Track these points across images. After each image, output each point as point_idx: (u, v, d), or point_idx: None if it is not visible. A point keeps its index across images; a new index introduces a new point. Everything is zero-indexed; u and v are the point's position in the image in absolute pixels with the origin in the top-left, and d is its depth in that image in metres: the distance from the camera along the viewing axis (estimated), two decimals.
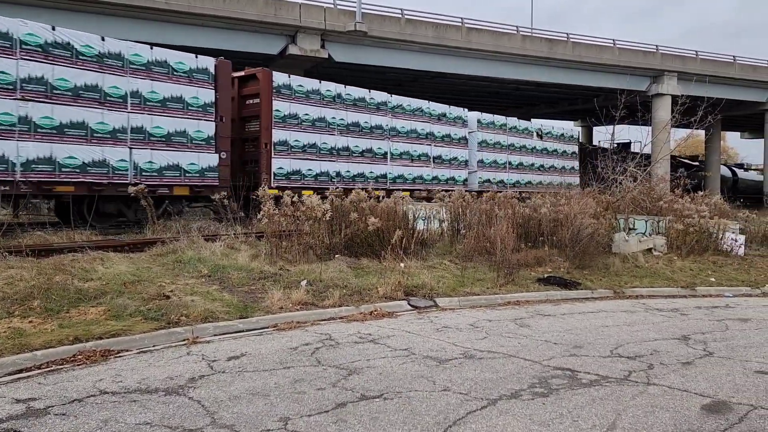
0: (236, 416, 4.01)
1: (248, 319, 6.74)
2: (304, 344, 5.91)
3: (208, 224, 12.22)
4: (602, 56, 33.01)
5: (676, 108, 19.69)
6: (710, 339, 6.62)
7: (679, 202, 14.31)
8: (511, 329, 6.83)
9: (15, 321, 5.88)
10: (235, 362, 5.26)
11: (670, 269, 11.39)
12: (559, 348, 6.02)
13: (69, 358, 5.22)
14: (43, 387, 4.53)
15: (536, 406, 4.31)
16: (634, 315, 7.95)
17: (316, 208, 9.72)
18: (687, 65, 35.78)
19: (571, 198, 12.73)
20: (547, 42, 31.61)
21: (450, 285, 8.89)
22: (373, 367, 5.18)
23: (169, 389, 4.52)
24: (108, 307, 6.54)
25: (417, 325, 6.94)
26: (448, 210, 12.68)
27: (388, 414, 4.10)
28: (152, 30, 22.23)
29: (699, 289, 10.23)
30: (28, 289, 6.64)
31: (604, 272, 10.72)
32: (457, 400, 4.40)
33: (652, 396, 4.61)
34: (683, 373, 5.22)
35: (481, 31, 29.68)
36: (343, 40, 26.41)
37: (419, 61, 28.56)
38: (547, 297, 8.93)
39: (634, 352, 5.91)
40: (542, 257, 10.85)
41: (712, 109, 19.32)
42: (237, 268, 8.65)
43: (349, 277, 8.66)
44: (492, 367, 5.28)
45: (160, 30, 22.40)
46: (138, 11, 21.77)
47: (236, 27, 23.91)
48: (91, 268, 7.92)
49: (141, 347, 5.66)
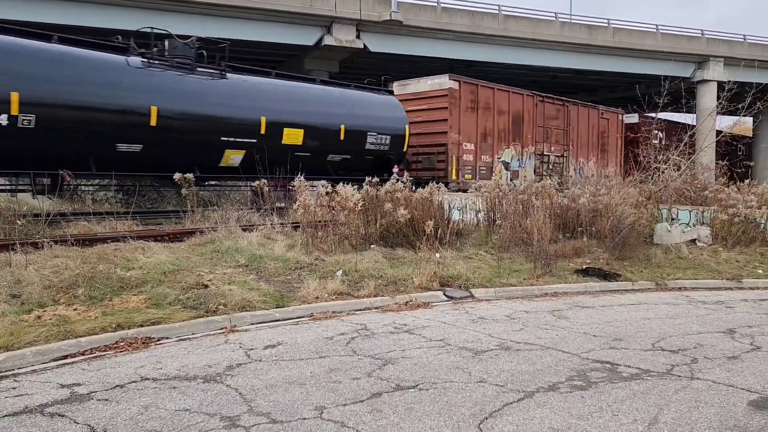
0: (272, 404, 4.05)
1: (284, 308, 6.80)
2: (340, 334, 5.94)
3: (245, 214, 12.34)
4: (644, 42, 32.08)
5: (723, 94, 19.02)
6: (757, 333, 6.39)
7: (725, 192, 13.84)
8: (548, 321, 6.73)
9: (60, 309, 6.05)
10: (272, 351, 5.31)
11: (714, 261, 11.04)
12: (598, 340, 5.90)
13: (111, 345, 5.35)
14: (87, 373, 4.66)
15: (574, 400, 4.23)
16: (677, 307, 7.74)
17: (350, 198, 9.73)
18: (734, 50, 34.48)
19: (612, 187, 12.42)
20: (586, 28, 30.88)
21: (486, 276, 8.80)
22: (409, 358, 5.16)
23: (207, 377, 4.59)
24: (149, 295, 6.68)
25: (452, 315, 6.89)
26: (483, 200, 12.55)
27: (423, 404, 4.08)
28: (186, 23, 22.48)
29: (745, 281, 9.89)
30: (73, 278, 6.83)
31: (646, 264, 10.45)
32: (494, 391, 4.35)
33: (696, 391, 4.47)
34: (729, 368, 5.05)
35: (518, 19, 29.19)
36: (378, 30, 26.32)
37: (454, 49, 28.27)
38: (585, 289, 8.76)
39: (677, 346, 5.75)
40: (580, 248, 10.64)
41: (761, 95, 18.61)
42: (273, 258, 8.73)
43: (384, 268, 8.65)
44: (529, 359, 5.20)
45: (193, 23, 22.62)
46: (170, 3, 22.06)
47: (272, 19, 24.06)
48: (132, 258, 8.10)
49: (180, 335, 5.77)
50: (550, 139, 22.17)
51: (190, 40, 13.69)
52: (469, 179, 18.09)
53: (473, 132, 18.93)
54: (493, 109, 19.58)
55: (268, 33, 24.19)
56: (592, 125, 24.32)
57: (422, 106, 18.65)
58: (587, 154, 24.13)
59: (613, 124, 25.72)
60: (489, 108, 19.46)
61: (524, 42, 29.31)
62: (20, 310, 5.93)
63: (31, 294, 6.30)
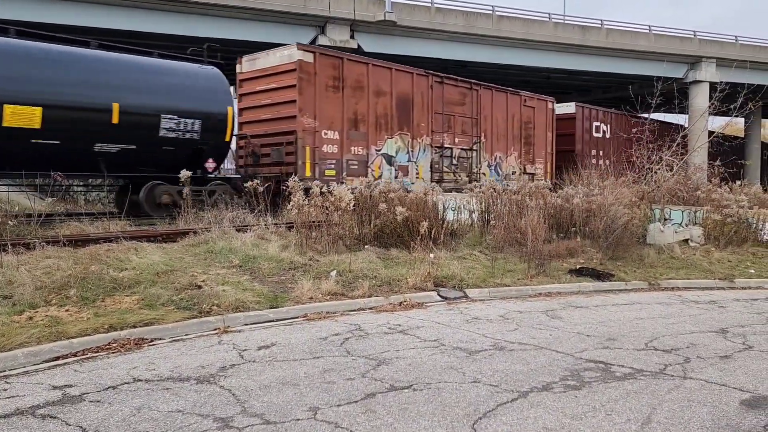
0: (266, 405, 4.04)
1: (278, 309, 6.79)
2: (334, 334, 5.93)
3: (239, 214, 12.31)
4: (637, 43, 32.21)
5: (715, 95, 19.13)
6: (750, 332, 6.43)
7: (717, 192, 13.91)
8: (542, 321, 6.74)
9: (52, 309, 6.02)
10: (266, 352, 5.30)
11: (707, 261, 11.09)
12: (591, 340, 5.91)
13: (104, 346, 5.32)
14: (79, 374, 4.63)
15: (568, 399, 4.23)
16: (670, 307, 7.77)
17: (344, 198, 9.72)
18: (726, 51, 34.66)
19: (605, 188, 12.47)
20: (579, 29, 30.98)
21: (480, 276, 8.81)
22: (403, 358, 5.16)
23: (200, 378, 4.57)
24: (142, 296, 6.65)
25: (447, 316, 6.90)
26: (478, 200, 12.57)
27: (417, 405, 4.08)
28: (182, 23, 22.51)
29: (738, 281, 9.94)
30: (65, 279, 6.79)
31: (639, 263, 10.49)
32: (488, 391, 4.36)
33: (689, 390, 4.49)
34: (721, 367, 5.07)
35: (512, 19, 29.25)
36: (372, 30, 26.31)
37: (448, 50, 28.29)
38: (579, 288, 8.79)
39: (670, 345, 5.77)
40: (574, 248, 10.67)
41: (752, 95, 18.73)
42: (267, 259, 8.71)
43: (378, 268, 8.65)
44: (523, 359, 5.21)
45: (189, 23, 22.64)
46: (167, 4, 22.01)
47: (266, 18, 24.00)
48: (125, 258, 8.06)
49: (173, 336, 5.74)
50: (454, 128, 19.10)
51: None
52: (332, 176, 15.43)
53: (338, 117, 15.68)
54: (367, 89, 16.34)
55: (262, 33, 24.12)
56: (512, 114, 21.43)
57: (271, 84, 15.44)
58: (506, 148, 21.30)
59: (541, 114, 22.86)
60: (361, 88, 16.24)
61: (518, 42, 29.37)
62: (12, 311, 5.89)
63: (23, 295, 6.26)
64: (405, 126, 17.54)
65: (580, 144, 25.43)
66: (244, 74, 16.11)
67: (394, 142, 17.25)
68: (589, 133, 26.11)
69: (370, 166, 16.57)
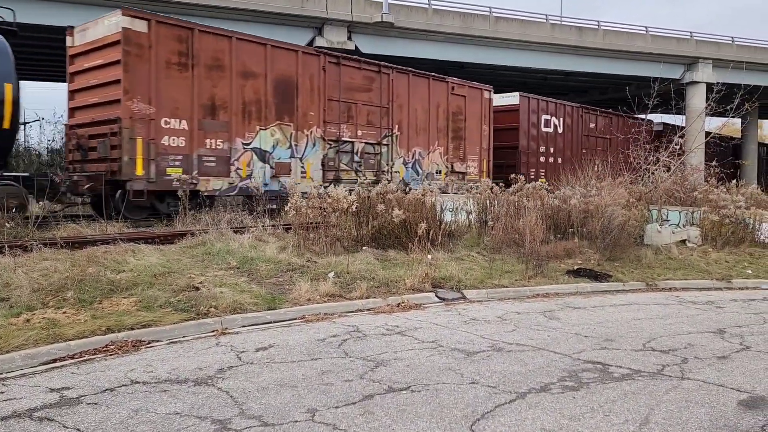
0: (264, 407, 4.03)
1: (276, 310, 6.78)
2: (332, 336, 5.92)
3: (237, 216, 12.30)
4: (634, 44, 32.30)
5: (712, 96, 19.18)
6: (747, 332, 6.44)
7: (714, 193, 13.94)
8: (540, 322, 6.74)
9: (49, 312, 6.00)
10: (263, 353, 5.29)
11: (704, 261, 11.11)
12: (589, 341, 5.92)
13: (101, 348, 5.31)
14: (76, 376, 4.62)
15: (566, 400, 4.23)
16: (668, 308, 7.78)
17: (342, 200, 9.72)
18: (722, 52, 34.79)
19: (602, 188, 12.49)
20: (576, 30, 31.06)
21: (478, 277, 8.82)
22: (401, 359, 5.15)
23: (198, 380, 4.56)
24: (139, 298, 6.64)
25: (444, 317, 6.89)
26: (475, 201, 12.58)
27: (415, 406, 4.08)
28: None
29: (735, 281, 9.95)
30: (62, 281, 6.78)
31: (636, 264, 10.50)
32: (486, 393, 4.36)
33: (687, 391, 4.49)
34: (719, 368, 5.08)
35: (508, 20, 29.32)
36: (369, 32, 26.36)
37: (445, 51, 28.36)
38: (577, 289, 8.79)
39: (668, 346, 5.78)
40: (572, 249, 10.68)
41: (749, 96, 18.79)
42: (265, 260, 8.70)
43: (376, 269, 8.64)
44: (521, 360, 5.21)
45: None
46: (167, 6, 22.00)
47: (263, 20, 24.00)
48: (122, 260, 8.05)
49: (171, 338, 5.73)
50: (356, 119, 16.46)
51: None
52: (178, 174, 12.83)
53: (185, 103, 13.04)
54: (230, 69, 13.69)
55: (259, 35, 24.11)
56: (436, 103, 18.89)
57: (98, 60, 12.73)
58: (428, 143, 18.83)
59: (474, 104, 20.30)
60: (221, 67, 13.57)
61: (515, 44, 29.44)
62: (9, 314, 5.88)
63: (20, 297, 6.24)
64: (286, 115, 14.86)
65: (525, 139, 23.10)
66: (76, 48, 13.29)
67: (270, 134, 14.57)
68: (537, 127, 23.68)
69: (235, 163, 13.92)
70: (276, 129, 14.78)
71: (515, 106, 22.71)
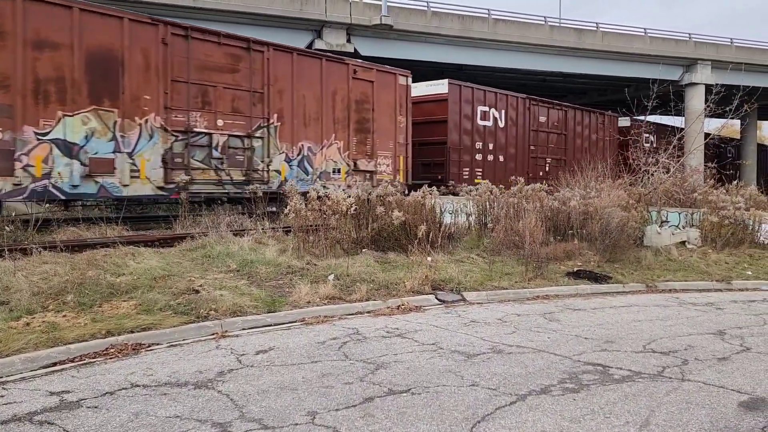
0: (264, 410, 4.03)
1: (276, 313, 6.78)
2: (332, 338, 5.92)
3: (236, 219, 12.31)
4: (633, 45, 32.36)
5: (710, 97, 19.19)
6: (747, 334, 6.44)
7: (713, 194, 13.95)
8: (540, 324, 6.74)
9: (49, 315, 6.00)
10: (264, 356, 5.29)
11: (704, 262, 11.11)
12: (589, 343, 5.92)
13: (101, 351, 5.31)
14: (76, 380, 4.61)
15: (567, 402, 4.23)
16: (667, 309, 7.78)
17: (342, 202, 9.72)
18: (721, 53, 34.84)
19: (602, 190, 12.50)
20: (575, 32, 31.11)
21: (478, 279, 8.82)
22: (401, 362, 5.15)
23: (198, 383, 4.56)
24: (139, 301, 6.64)
25: (444, 319, 6.89)
26: (475, 203, 12.59)
27: (415, 409, 4.08)
28: None
29: (735, 282, 9.96)
30: (62, 284, 6.78)
31: (636, 266, 10.51)
32: (486, 395, 4.35)
33: (687, 392, 4.49)
34: (719, 369, 5.08)
35: (507, 22, 29.37)
36: (368, 34, 26.40)
37: (444, 53, 28.39)
38: (576, 291, 8.79)
39: (668, 347, 5.78)
40: (571, 251, 10.68)
41: (748, 97, 18.80)
42: (265, 263, 8.70)
43: (376, 272, 8.64)
44: (521, 362, 5.21)
45: None
46: (166, 9, 22.03)
47: (262, 23, 24.03)
48: (122, 263, 8.05)
49: (171, 341, 5.73)
50: (215, 105, 13.56)
51: None
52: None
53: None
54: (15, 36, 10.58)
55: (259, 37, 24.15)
56: (332, 89, 15.91)
57: None
58: (321, 136, 15.79)
59: (386, 91, 17.26)
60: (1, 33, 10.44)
61: (514, 46, 29.49)
62: (8, 317, 5.87)
63: (20, 301, 6.24)
64: (106, 98, 11.80)
65: (456, 134, 20.27)
66: None
67: (80, 121, 11.45)
68: (471, 120, 20.80)
69: (23, 159, 10.77)
70: (90, 115, 11.61)
71: (443, 95, 19.90)
